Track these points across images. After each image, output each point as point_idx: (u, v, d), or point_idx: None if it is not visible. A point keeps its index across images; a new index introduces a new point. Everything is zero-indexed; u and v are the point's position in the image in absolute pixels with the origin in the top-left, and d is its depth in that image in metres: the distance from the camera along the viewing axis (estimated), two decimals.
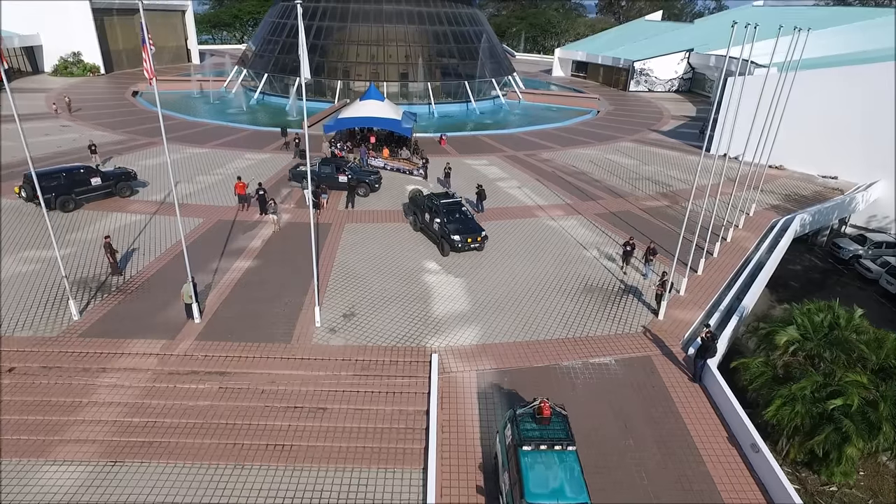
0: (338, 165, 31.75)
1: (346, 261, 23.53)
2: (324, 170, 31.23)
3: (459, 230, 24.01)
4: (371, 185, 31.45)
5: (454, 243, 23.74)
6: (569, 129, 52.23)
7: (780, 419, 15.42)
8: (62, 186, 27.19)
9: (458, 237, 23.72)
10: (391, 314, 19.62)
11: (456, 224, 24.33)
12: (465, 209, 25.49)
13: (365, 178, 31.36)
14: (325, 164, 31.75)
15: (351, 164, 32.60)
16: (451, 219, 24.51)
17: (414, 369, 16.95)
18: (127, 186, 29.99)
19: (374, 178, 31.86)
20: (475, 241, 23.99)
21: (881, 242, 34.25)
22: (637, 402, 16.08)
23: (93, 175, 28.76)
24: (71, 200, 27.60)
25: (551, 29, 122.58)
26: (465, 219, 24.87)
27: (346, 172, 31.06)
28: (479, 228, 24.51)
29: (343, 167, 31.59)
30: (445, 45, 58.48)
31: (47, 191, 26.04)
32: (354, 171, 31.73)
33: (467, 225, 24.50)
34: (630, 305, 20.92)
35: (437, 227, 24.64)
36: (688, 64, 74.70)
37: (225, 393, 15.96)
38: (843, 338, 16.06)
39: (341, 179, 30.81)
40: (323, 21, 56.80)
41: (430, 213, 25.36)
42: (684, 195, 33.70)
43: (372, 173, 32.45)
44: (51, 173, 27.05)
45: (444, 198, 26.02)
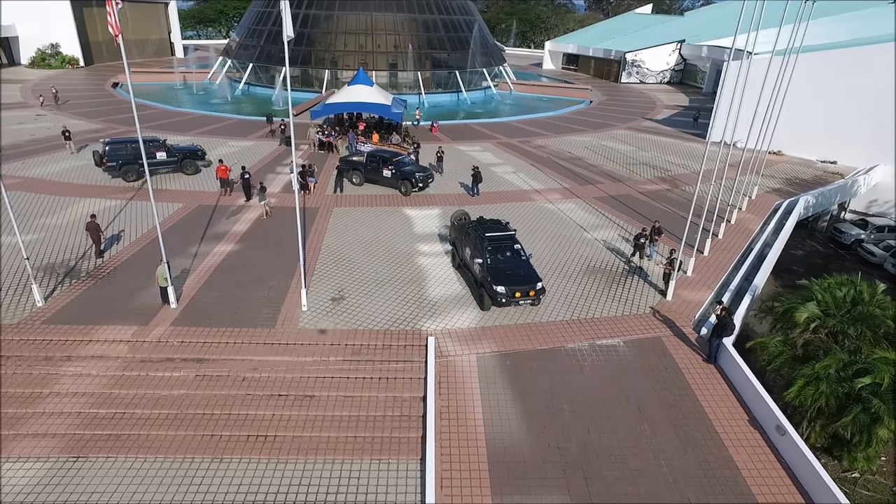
0: (384, 157, 28.81)
1: (335, 244, 22.21)
2: (371, 161, 28.90)
3: (506, 278, 17.44)
4: (414, 183, 27.70)
5: (497, 296, 17.22)
6: (562, 117, 51.19)
7: (802, 400, 14.29)
8: (128, 156, 27.70)
9: (504, 289, 17.13)
10: (383, 297, 18.35)
11: (503, 269, 17.84)
12: (518, 247, 18.89)
13: (411, 175, 27.93)
14: (373, 157, 29.14)
15: (404, 158, 29.46)
16: (496, 260, 18.19)
17: (409, 353, 15.70)
18: (191, 164, 29.35)
19: (422, 176, 28.06)
20: (527, 295, 17.35)
21: (883, 226, 33.50)
22: (649, 384, 14.94)
23: (159, 149, 28.55)
24: (133, 171, 27.75)
25: (541, 24, 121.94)
26: (516, 261, 18.40)
27: (391, 167, 28.25)
28: (533, 277, 17.79)
29: (391, 160, 28.62)
30: (435, 33, 57.19)
31: (112, 158, 27.53)
32: (404, 165, 28.51)
33: (517, 271, 17.94)
34: (636, 286, 19.80)
35: (478, 270, 18.22)
36: (679, 55, 74.09)
37: (202, 381, 14.60)
38: (867, 313, 14.99)
39: (385, 174, 28.31)
40: (310, 9, 55.26)
41: (470, 248, 19.01)
42: (683, 179, 32.79)
43: (422, 170, 28.89)
44: (117, 142, 28.48)
45: (491, 228, 19.33)
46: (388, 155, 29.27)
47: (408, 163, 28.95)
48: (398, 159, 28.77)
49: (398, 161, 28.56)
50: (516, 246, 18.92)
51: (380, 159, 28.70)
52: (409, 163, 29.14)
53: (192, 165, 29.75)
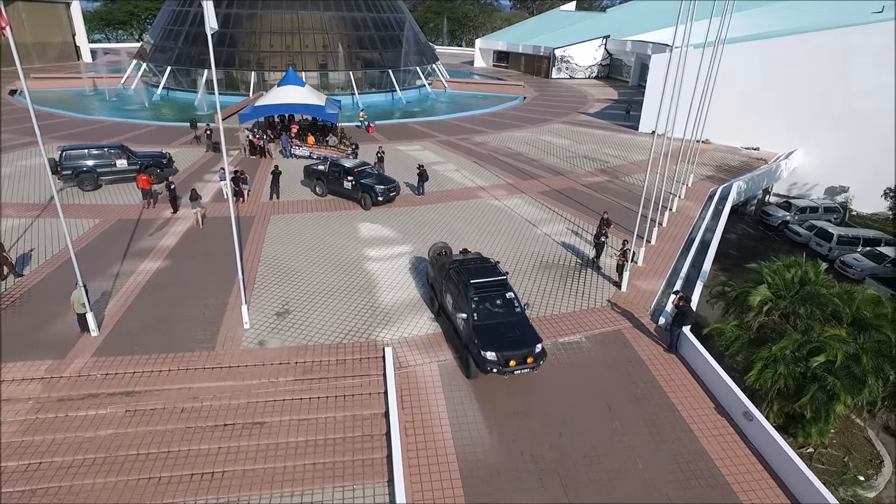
0: (346, 168, 25.91)
1: (275, 254, 20.74)
2: (333, 171, 26.27)
3: (497, 340, 13.79)
4: (374, 197, 25.13)
5: (486, 365, 13.61)
6: (498, 114, 51.24)
7: (762, 383, 14.44)
8: (85, 164, 26.43)
9: (495, 355, 13.56)
10: (332, 308, 17.17)
11: (493, 327, 14.14)
12: (511, 296, 15.07)
13: (370, 188, 25.21)
14: (335, 166, 26.36)
15: (367, 168, 26.55)
16: (484, 314, 14.47)
17: (365, 367, 14.66)
18: (155, 172, 27.31)
19: (383, 189, 25.30)
20: (523, 362, 13.71)
21: (805, 207, 35.43)
22: (616, 379, 14.65)
23: (119, 156, 27.09)
24: (90, 180, 26.37)
25: (469, 23, 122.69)
26: (509, 316, 14.64)
27: (350, 177, 25.65)
28: (531, 338, 14.10)
29: (353, 170, 25.82)
30: (366, 32, 55.84)
31: (68, 167, 26.10)
32: (365, 176, 25.75)
33: (511, 330, 14.19)
34: (590, 279, 19.62)
35: (462, 327, 14.61)
36: (605, 50, 76.24)
37: (134, 417, 12.97)
38: (815, 293, 15.38)
39: (345, 185, 25.80)
40: (231, 8, 52.49)
41: (452, 296, 15.32)
42: (622, 170, 33.35)
43: (385, 181, 26.01)
44: (74, 149, 26.89)
45: (477, 271, 15.42)
46: (351, 165, 26.44)
47: (370, 173, 26.32)
48: (360, 169, 26.08)
49: (360, 171, 25.95)
50: (509, 295, 15.07)
51: (341, 169, 26.12)
52: (373, 173, 26.52)
53: (155, 173, 27.43)
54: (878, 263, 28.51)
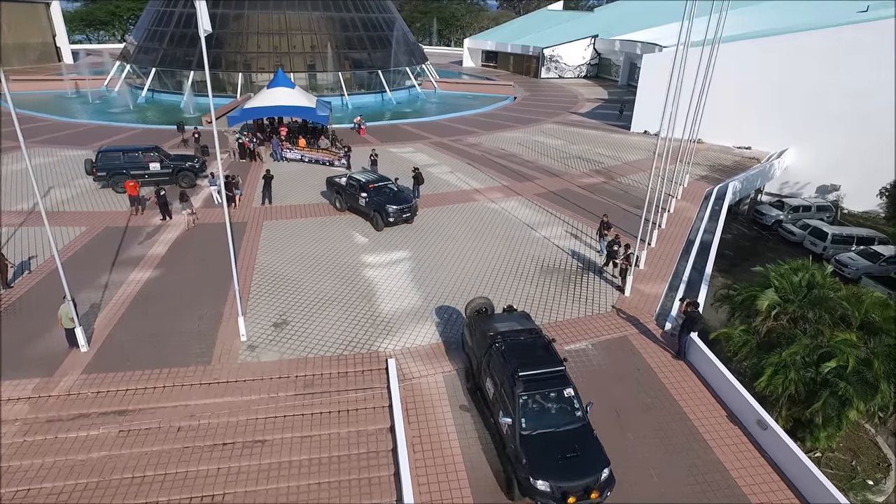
0: (361, 182, 23.78)
1: (270, 262, 20.19)
2: (350, 185, 24.21)
3: (553, 465, 10.59)
4: (385, 218, 22.73)
5: (537, 497, 10.54)
6: (489, 114, 50.91)
7: (773, 389, 14.24)
8: (119, 165, 26.46)
9: (548, 485, 10.37)
10: (332, 318, 16.68)
11: (548, 445, 10.90)
12: (570, 393, 11.62)
13: (382, 207, 22.75)
14: (353, 180, 24.33)
15: (387, 184, 24.14)
16: (536, 420, 11.18)
17: (368, 379, 14.21)
18: (187, 176, 27.39)
19: (395, 210, 22.72)
20: (586, 496, 10.47)
21: (798, 206, 35.55)
22: (625, 388, 14.34)
23: (152, 159, 26.86)
24: (124, 182, 25.48)
25: (456, 22, 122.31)
26: (569, 423, 11.34)
27: (365, 194, 23.38)
28: (598, 460, 10.84)
29: (368, 185, 23.65)
30: (354, 32, 55.19)
31: (102, 168, 26.31)
32: (379, 193, 23.41)
33: (572, 447, 10.94)
34: (592, 284, 19.32)
35: (506, 432, 11.37)
36: (594, 50, 76.25)
37: (127, 437, 12.40)
38: (823, 296, 15.19)
39: (360, 202, 23.66)
40: (217, 8, 51.47)
41: (493, 383, 12.14)
42: (617, 171, 33.16)
43: (399, 200, 23.32)
44: (110, 151, 27.25)
45: (526, 351, 12.29)
46: (367, 179, 24.15)
47: (387, 190, 23.63)
48: (377, 185, 23.64)
49: (376, 188, 23.51)
50: (568, 392, 11.56)
51: (357, 184, 23.99)
52: (390, 190, 23.72)
53: (187, 177, 27.32)
54: (874, 262, 28.59)
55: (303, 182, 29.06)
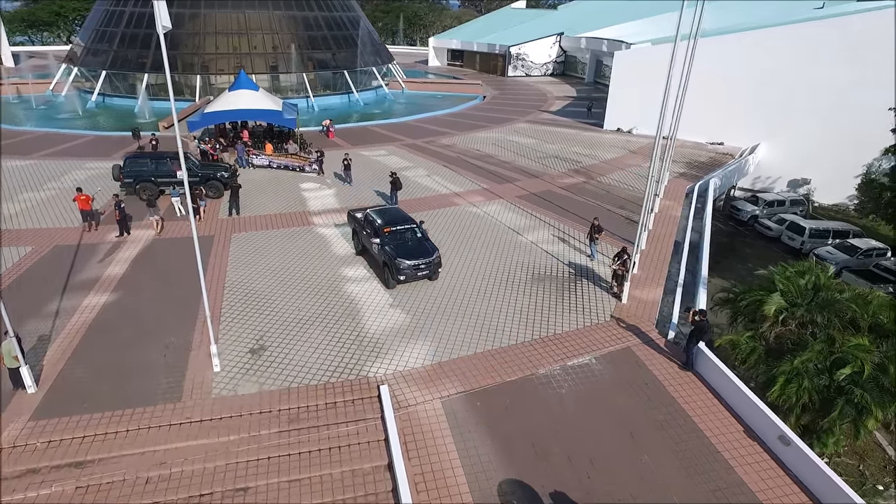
0: (377, 226, 19.10)
1: (241, 279, 18.63)
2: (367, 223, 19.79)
3: None
4: (395, 275, 17.87)
5: None
6: (460, 114, 49.92)
7: (786, 399, 13.63)
8: (146, 172, 25.52)
9: None
10: (314, 340, 15.31)
11: None
12: None
13: (392, 259, 17.88)
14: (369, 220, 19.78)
15: (406, 229, 19.20)
16: None
17: (360, 410, 12.93)
18: (216, 185, 26.10)
19: (409, 266, 17.78)
20: None
21: (772, 201, 35.71)
22: (635, 404, 13.46)
23: (179, 167, 23.74)
24: (149, 189, 24.97)
25: (419, 21, 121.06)
26: None
27: (377, 239, 18.82)
28: None
29: (382, 228, 18.98)
30: (318, 32, 53.37)
31: (129, 174, 25.33)
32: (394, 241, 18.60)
33: None
34: (587, 291, 18.46)
35: None
36: (560, 47, 76.18)
37: (86, 494, 10.81)
38: (831, 299, 14.69)
39: (372, 248, 19.13)
40: (171, 7, 48.63)
41: None
42: (596, 170, 32.58)
43: (417, 253, 18.16)
44: (137, 157, 26.56)
45: None
46: (384, 221, 19.24)
47: (407, 238, 18.85)
48: (393, 229, 18.87)
49: (391, 232, 18.79)
50: None
51: (371, 226, 19.40)
52: (409, 238, 18.89)
53: (215, 187, 26.07)
54: (851, 256, 28.75)
55: (272, 190, 27.42)
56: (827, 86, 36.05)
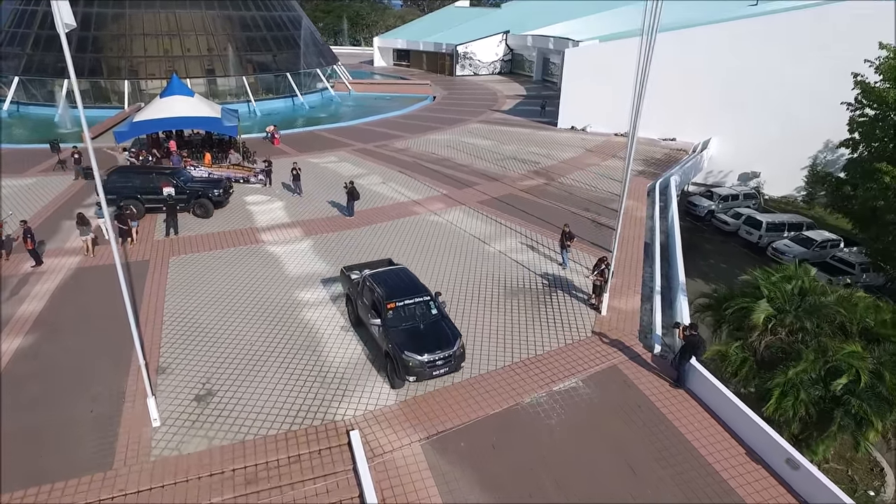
0: (375, 298, 14.18)
1: (181, 308, 16.53)
2: (365, 289, 14.90)
3: None
4: (400, 373, 13.05)
5: None
6: (411, 115, 48.40)
7: (783, 412, 12.92)
8: (131, 188, 23.20)
9: None
10: (270, 380, 13.52)
11: None
12: None
13: (399, 353, 12.88)
14: (368, 285, 14.69)
15: (417, 304, 14.21)
16: None
17: (328, 462, 11.29)
18: (200, 205, 23.49)
19: (421, 364, 12.81)
20: None
21: (727, 196, 36.09)
22: (630, 432, 12.42)
23: (168, 183, 23.20)
24: (134, 207, 22.53)
25: (361, 21, 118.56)
26: None
27: (378, 320, 13.78)
28: None
29: (388, 304, 13.88)
30: (257, 32, 50.58)
31: (113, 190, 22.37)
32: (407, 323, 13.81)
33: None
34: (564, 304, 17.39)
35: None
36: (506, 45, 75.77)
37: None
38: (819, 304, 14.13)
39: (371, 328, 14.20)
40: (91, 7, 45.19)
41: None
42: (555, 171, 31.82)
43: (435, 344, 13.28)
44: (125, 172, 24.60)
45: None
46: (388, 290, 14.31)
47: (420, 318, 14.06)
48: (400, 304, 14.00)
49: (400, 309, 13.98)
50: None
51: (371, 296, 14.49)
52: (426, 319, 14.10)
53: (203, 206, 23.59)
54: (808, 248, 29.12)
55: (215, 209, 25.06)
56: (773, 80, 36.70)
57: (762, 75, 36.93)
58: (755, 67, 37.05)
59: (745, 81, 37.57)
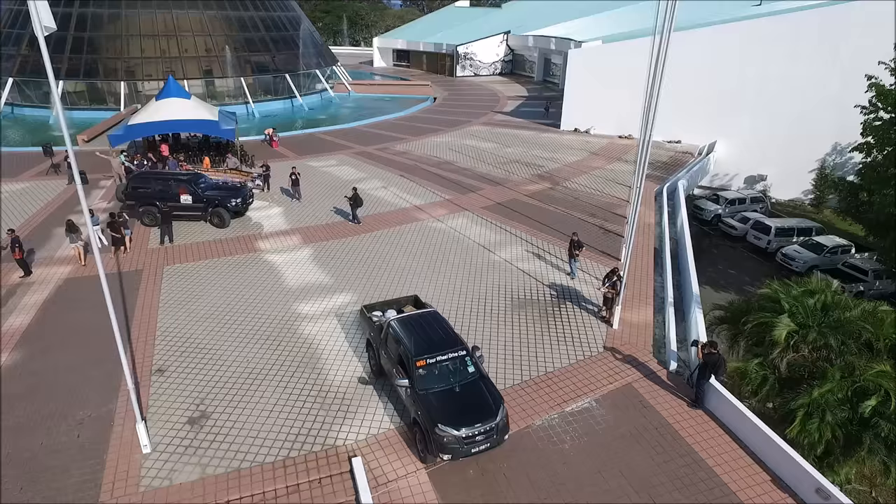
0: (404, 351, 11.98)
1: (176, 324, 15.85)
2: (391, 339, 12.66)
3: None
4: (438, 446, 10.83)
5: None
6: (412, 117, 47.74)
7: (807, 436, 12.29)
8: (152, 194, 22.40)
9: None
10: (268, 401, 12.85)
11: None
12: None
13: (433, 423, 10.80)
14: (392, 333, 12.59)
15: (464, 360, 12.05)
16: None
17: (329, 493, 10.62)
18: (217, 214, 22.46)
19: (462, 441, 10.81)
20: None
21: (734, 199, 35.39)
22: (648, 457, 11.74)
23: (186, 190, 22.43)
24: (151, 214, 22.27)
25: (360, 21, 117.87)
26: None
27: (413, 381, 11.56)
28: None
29: (418, 360, 11.70)
30: (256, 33, 49.90)
31: (133, 196, 22.55)
32: (440, 385, 11.62)
33: None
34: (574, 317, 16.72)
35: None
36: (507, 46, 75.11)
37: None
38: (843, 320, 13.49)
39: (398, 388, 12.05)
40: (87, 7, 44.53)
41: None
42: (559, 175, 31.16)
43: (478, 416, 11.15)
44: (146, 176, 23.66)
45: None
46: (416, 344, 12.08)
47: (453, 376, 11.84)
48: (432, 361, 11.78)
49: (432, 367, 11.75)
50: None
51: (398, 346, 12.29)
52: (458, 375, 11.88)
53: (220, 215, 22.50)
54: (818, 254, 28.45)
55: None
56: (780, 81, 36.08)
57: (768, 76, 36.32)
58: (761, 68, 36.45)
59: (751, 82, 36.98)
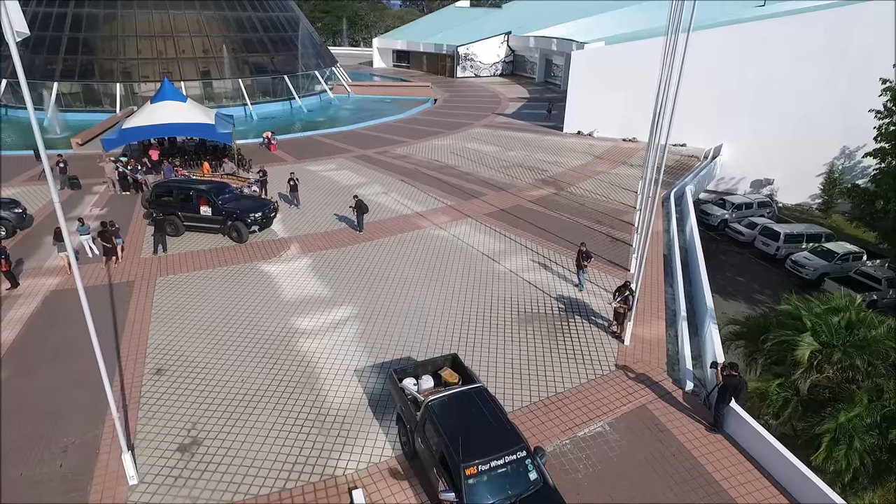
0: (442, 430, 9.78)
1: (167, 340, 15.16)
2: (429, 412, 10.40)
3: None
4: None
5: None
6: (412, 119, 47.11)
7: (834, 464, 11.62)
8: (172, 204, 21.81)
9: None
10: (263, 425, 12.16)
11: None
12: None
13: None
14: (431, 411, 10.27)
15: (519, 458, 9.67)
16: None
17: None
18: (235, 228, 21.25)
19: None
20: None
21: (741, 204, 34.73)
22: (666, 486, 11.07)
23: (204, 201, 21.51)
24: (171, 225, 21.50)
25: (360, 21, 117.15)
26: None
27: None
28: None
29: (447, 438, 9.60)
30: (254, 34, 49.23)
31: (156, 204, 21.81)
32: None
33: None
34: (583, 332, 16.04)
35: None
36: (508, 47, 74.46)
37: None
38: (870, 339, 12.81)
39: (433, 475, 10.06)
40: (82, 7, 43.85)
41: None
42: (564, 179, 30.52)
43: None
44: (169, 185, 23.07)
45: None
46: (465, 439, 9.63)
47: (513, 488, 9.42)
48: (484, 468, 9.39)
49: (481, 473, 9.36)
50: None
51: (440, 442, 9.82)
52: (518, 485, 9.48)
53: (238, 230, 21.27)
54: (829, 261, 27.79)
55: None
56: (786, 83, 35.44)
57: (775, 78, 35.67)
58: (767, 70, 35.80)
59: (758, 85, 36.32)
